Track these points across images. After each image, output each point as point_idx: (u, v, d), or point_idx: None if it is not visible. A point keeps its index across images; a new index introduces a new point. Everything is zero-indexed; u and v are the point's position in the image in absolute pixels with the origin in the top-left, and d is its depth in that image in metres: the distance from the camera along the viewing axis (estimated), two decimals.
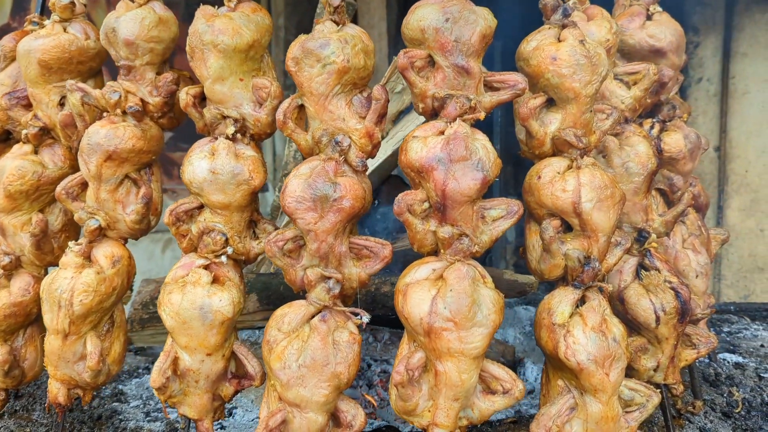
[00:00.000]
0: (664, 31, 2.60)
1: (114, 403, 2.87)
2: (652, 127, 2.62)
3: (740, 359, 3.23)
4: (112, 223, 2.25)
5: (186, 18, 2.11)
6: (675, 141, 2.60)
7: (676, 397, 2.40)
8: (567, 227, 2.08)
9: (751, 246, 6.98)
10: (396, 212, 1.91)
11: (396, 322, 3.13)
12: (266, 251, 1.98)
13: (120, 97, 2.24)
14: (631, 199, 2.36)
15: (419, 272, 1.90)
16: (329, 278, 1.96)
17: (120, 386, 3.08)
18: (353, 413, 1.90)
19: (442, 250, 1.94)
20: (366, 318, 1.96)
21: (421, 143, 1.94)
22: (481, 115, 2.01)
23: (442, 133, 1.96)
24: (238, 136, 2.14)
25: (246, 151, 2.12)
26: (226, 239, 2.12)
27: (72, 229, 2.52)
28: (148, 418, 2.71)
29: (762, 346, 3.43)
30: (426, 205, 1.94)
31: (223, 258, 2.11)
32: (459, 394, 1.82)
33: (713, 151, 6.94)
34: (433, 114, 2.06)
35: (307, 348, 1.87)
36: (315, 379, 1.85)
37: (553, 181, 2.04)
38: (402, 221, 1.93)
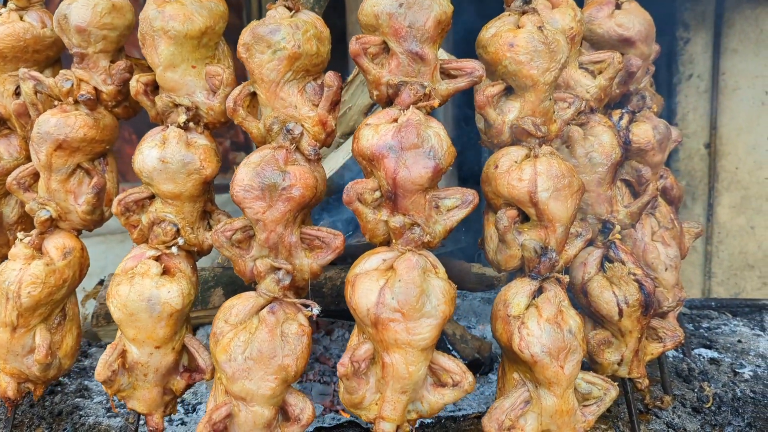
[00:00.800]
0: (632, 20, 2.56)
1: (77, 399, 2.82)
2: (620, 118, 2.57)
3: (716, 354, 3.18)
4: (63, 214, 2.21)
5: None
6: (643, 132, 2.55)
7: (642, 391, 2.36)
8: (525, 217, 2.04)
9: (741, 243, 6.94)
10: (345, 201, 1.87)
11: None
12: (213, 241, 1.93)
13: (72, 85, 2.19)
14: (595, 190, 2.32)
15: (369, 262, 1.85)
16: (279, 269, 1.92)
17: (86, 382, 3.03)
18: (301, 407, 1.85)
19: (393, 240, 1.90)
20: (316, 310, 1.91)
21: (373, 131, 1.90)
22: (435, 103, 1.97)
23: (396, 120, 1.92)
24: (191, 124, 2.10)
25: (198, 140, 2.08)
26: (178, 230, 2.07)
27: (29, 221, 2.47)
28: (108, 414, 2.66)
29: (739, 341, 3.38)
30: (377, 194, 1.90)
31: (174, 249, 2.06)
32: (406, 387, 1.77)
33: (704, 148, 6.90)
34: (388, 102, 2.02)
35: (254, 340, 1.82)
36: (261, 372, 1.81)
37: (510, 170, 2.00)
38: (352, 210, 1.89)
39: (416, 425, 1.86)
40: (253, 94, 2.04)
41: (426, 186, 1.87)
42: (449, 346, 3.16)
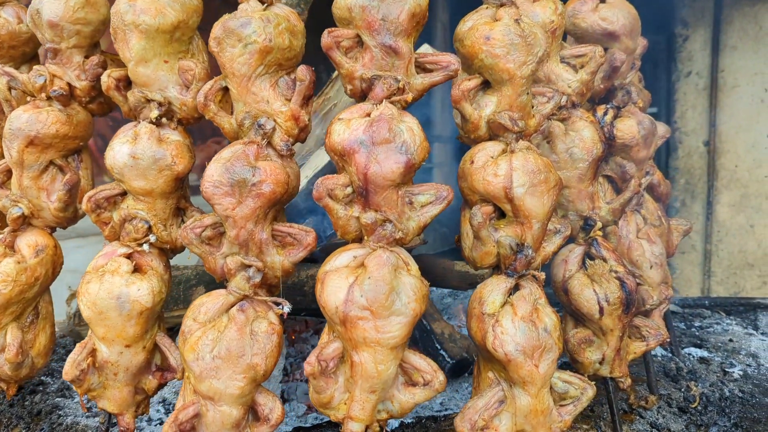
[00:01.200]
0: (617, 14, 2.52)
1: (57, 398, 2.80)
2: (605, 113, 2.54)
3: (705, 354, 3.14)
4: (36, 212, 2.18)
5: None
6: (628, 127, 2.51)
7: (624, 391, 2.32)
8: (501, 214, 2.00)
9: (741, 242, 6.89)
10: (315, 197, 1.83)
11: None
12: (182, 238, 1.90)
13: (45, 81, 2.16)
14: (576, 186, 2.28)
15: (339, 259, 1.82)
16: (250, 267, 1.88)
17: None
18: (270, 407, 1.82)
19: (365, 237, 1.86)
20: (287, 308, 1.88)
21: (344, 125, 1.86)
22: (409, 97, 1.93)
23: (369, 115, 1.89)
24: (164, 120, 2.07)
25: (171, 136, 2.05)
26: (149, 227, 2.04)
27: (2, 219, 2.45)
28: (87, 414, 2.64)
29: (731, 340, 3.34)
30: (349, 189, 1.86)
31: (146, 246, 2.03)
32: (376, 386, 1.74)
33: (702, 146, 6.85)
34: (362, 96, 1.99)
35: (223, 339, 1.79)
36: (230, 371, 1.77)
37: (486, 165, 1.96)
38: (322, 206, 1.85)
39: (387, 425, 1.82)
40: (226, 89, 2.00)
41: (398, 181, 1.83)
42: (437, 345, 3.13)
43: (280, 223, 1.96)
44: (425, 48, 3.08)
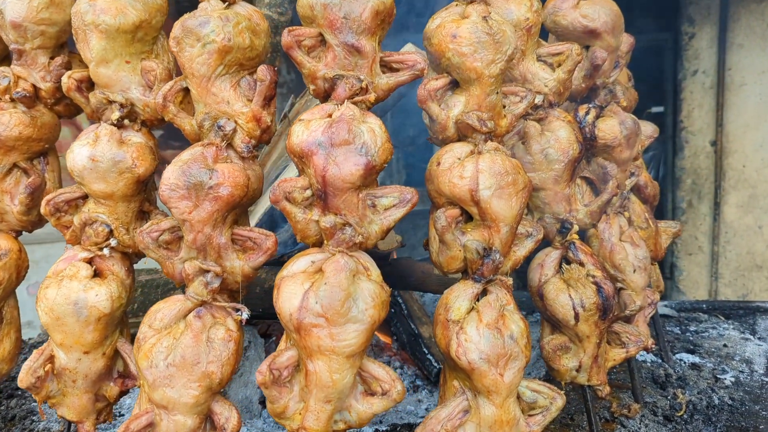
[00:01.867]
0: (598, 10, 2.44)
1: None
2: (587, 113, 2.47)
3: (698, 359, 3.05)
4: (0, 215, 2.15)
5: None
6: (609, 127, 2.44)
7: (603, 399, 2.24)
8: (469, 217, 1.94)
9: (749, 243, 6.77)
10: (272, 200, 1.78)
11: None
12: (138, 242, 1.85)
13: (9, 82, 2.13)
14: (552, 188, 2.22)
15: (297, 264, 1.77)
16: (208, 271, 1.83)
17: None
18: (227, 416, 1.77)
19: (325, 241, 1.81)
20: (245, 314, 1.83)
21: (304, 127, 1.81)
22: (372, 97, 1.88)
23: (331, 116, 1.83)
24: (127, 122, 2.03)
25: (133, 138, 2.01)
26: (110, 231, 2.00)
27: None
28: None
29: (725, 345, 3.25)
30: (308, 192, 1.81)
31: (106, 251, 1.99)
32: (331, 396, 1.68)
33: (709, 146, 6.75)
34: (325, 97, 1.93)
35: (178, 346, 1.74)
36: (184, 380, 1.73)
37: (452, 167, 1.90)
38: (280, 209, 1.80)
39: None
40: (187, 90, 1.96)
41: (358, 184, 1.78)
42: (425, 349, 3.07)
43: (240, 227, 1.91)
44: (408, 47, 3.02)
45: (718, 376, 2.89)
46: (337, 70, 1.89)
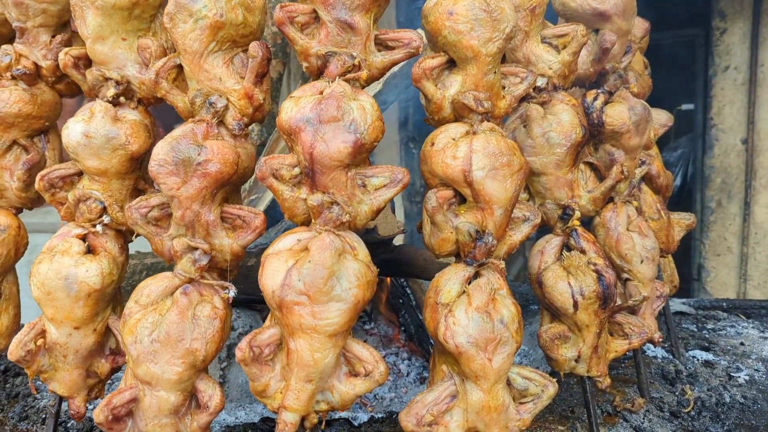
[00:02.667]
0: None
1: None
2: (595, 98, 2.40)
3: (711, 357, 2.95)
4: (0, 192, 2.16)
5: None
6: (618, 113, 2.37)
7: (603, 391, 2.18)
8: (463, 199, 1.90)
9: None
10: (259, 177, 1.76)
11: None
12: (126, 218, 1.85)
13: (11, 60, 2.15)
14: (554, 173, 2.16)
15: (283, 242, 1.74)
16: (196, 249, 1.82)
17: None
18: (210, 394, 1.75)
19: (312, 220, 1.78)
20: (233, 292, 1.81)
21: (293, 103, 1.78)
22: (364, 74, 1.84)
23: (322, 93, 1.80)
24: (123, 99, 2.03)
25: (128, 115, 2.00)
26: (104, 208, 2.00)
27: None
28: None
29: (742, 344, 3.14)
30: (296, 170, 1.78)
31: (99, 227, 1.99)
32: (312, 375, 1.65)
33: (740, 144, 6.58)
34: (318, 74, 1.90)
35: (163, 322, 1.73)
36: (168, 356, 1.71)
37: (446, 148, 1.86)
38: (266, 187, 1.78)
39: (328, 416, 1.73)
40: (181, 67, 1.94)
41: (346, 162, 1.74)
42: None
43: (230, 205, 1.89)
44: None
45: (732, 374, 2.79)
46: (330, 47, 1.86)
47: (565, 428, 2.19)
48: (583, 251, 2.13)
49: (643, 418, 2.31)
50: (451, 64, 1.97)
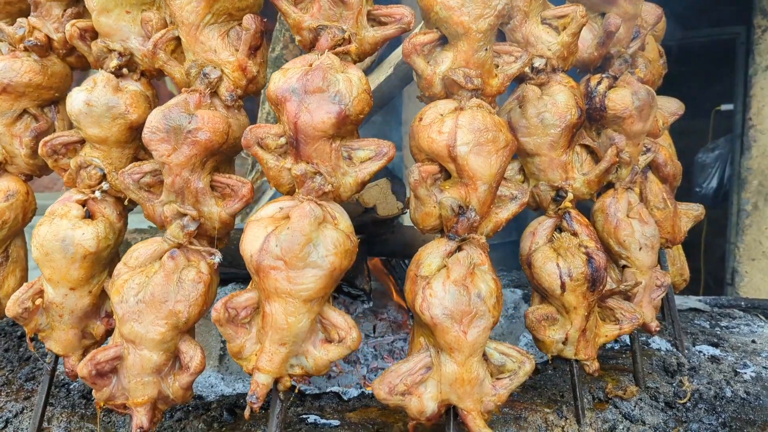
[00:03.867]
0: None
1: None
2: (599, 83, 2.38)
3: (718, 353, 2.89)
4: (10, 158, 2.26)
5: None
6: (621, 97, 2.33)
7: (592, 376, 2.16)
8: (449, 175, 1.91)
9: None
10: (244, 144, 1.80)
11: None
12: (119, 183, 1.91)
13: (25, 32, 2.23)
14: (548, 154, 2.15)
15: (266, 210, 1.78)
16: (185, 215, 1.87)
17: None
18: (191, 354, 1.80)
19: (296, 189, 1.81)
20: (218, 258, 1.86)
21: (281, 74, 1.82)
22: (353, 47, 1.87)
23: (312, 66, 1.83)
24: (126, 71, 2.09)
25: (129, 86, 2.07)
26: (104, 175, 2.07)
27: None
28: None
29: (753, 341, 3.07)
30: (282, 140, 1.82)
31: (97, 194, 2.06)
32: (285, 339, 1.68)
33: None
34: (311, 47, 1.94)
35: (149, 284, 1.79)
36: (152, 316, 1.77)
37: (433, 123, 1.87)
38: (252, 154, 1.81)
39: (305, 381, 1.76)
40: (179, 39, 2.00)
41: (330, 133, 1.77)
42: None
43: (220, 174, 1.94)
44: None
45: (738, 370, 2.73)
46: (322, 20, 1.89)
47: (551, 411, 2.17)
48: (575, 233, 2.12)
49: (634, 406, 2.28)
50: (444, 41, 1.98)
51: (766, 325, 3.40)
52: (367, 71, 3.24)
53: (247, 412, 1.69)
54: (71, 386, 2.47)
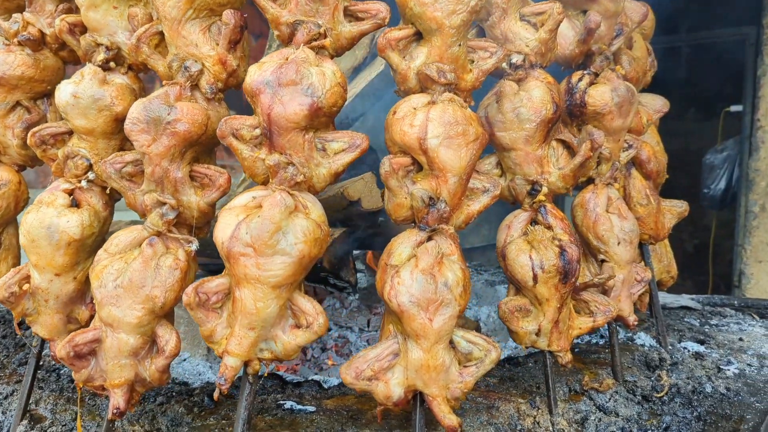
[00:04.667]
0: None
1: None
2: (580, 79, 2.41)
3: (703, 349, 2.91)
4: (3, 149, 2.34)
5: None
6: (600, 94, 2.37)
7: (566, 368, 2.19)
8: (421, 167, 1.95)
9: None
10: (218, 135, 1.86)
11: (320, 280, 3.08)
12: (101, 172, 1.97)
13: (19, 27, 2.31)
14: (523, 149, 2.18)
15: (239, 199, 1.83)
16: (165, 204, 1.93)
17: None
18: (167, 338, 1.86)
19: (270, 179, 1.86)
20: (195, 246, 1.92)
21: (257, 68, 1.87)
22: (327, 42, 1.92)
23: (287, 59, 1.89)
24: (114, 65, 2.16)
25: (116, 79, 2.13)
26: (90, 165, 2.13)
27: None
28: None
29: (740, 339, 3.08)
30: (257, 131, 1.87)
31: (84, 183, 2.12)
32: (254, 323, 1.74)
33: None
34: (289, 41, 1.99)
35: (128, 269, 1.85)
36: (129, 301, 1.83)
37: (405, 116, 1.92)
38: (227, 145, 1.87)
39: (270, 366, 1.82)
40: (163, 34, 2.06)
41: (303, 124, 1.82)
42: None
43: (199, 164, 2.00)
44: None
45: (722, 366, 2.74)
46: (299, 15, 1.94)
47: (525, 401, 2.21)
48: (549, 227, 2.15)
49: (609, 398, 2.30)
50: (419, 37, 2.02)
51: (757, 323, 3.40)
52: (361, 67, 3.29)
53: (216, 394, 1.75)
54: (61, 371, 2.54)
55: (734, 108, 8.09)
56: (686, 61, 7.91)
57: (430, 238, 1.89)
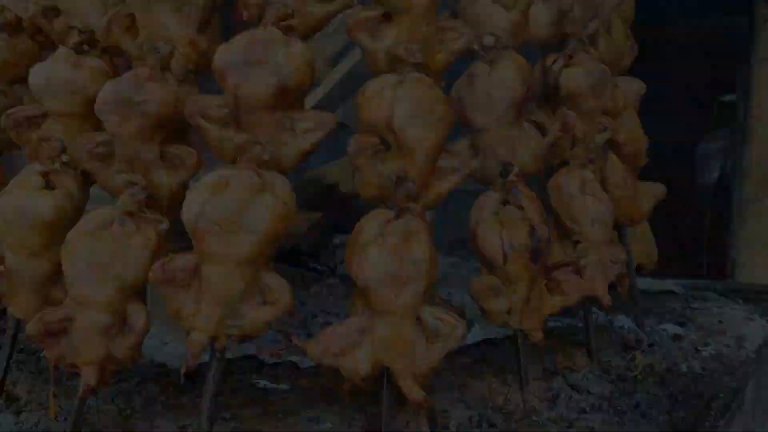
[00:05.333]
0: None
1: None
2: (554, 62, 2.43)
3: (682, 331, 2.92)
4: None
5: None
6: (574, 75, 2.38)
7: (538, 347, 2.21)
8: (389, 146, 1.97)
9: None
10: (187, 115, 1.88)
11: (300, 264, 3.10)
12: (73, 154, 1.99)
13: None
14: (495, 130, 2.20)
15: (206, 178, 1.85)
16: (135, 184, 1.95)
17: None
18: (137, 317, 1.88)
19: (238, 159, 1.88)
20: (164, 225, 1.93)
21: (225, 48, 1.89)
22: (294, 22, 1.93)
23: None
24: (87, 48, 2.17)
25: (89, 61, 2.15)
26: (64, 147, 2.15)
27: None
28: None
29: (720, 322, 3.09)
30: (225, 111, 1.89)
31: (57, 165, 2.14)
32: (221, 300, 1.75)
33: None
34: (258, 23, 2.00)
35: (98, 248, 1.87)
36: (100, 279, 1.85)
37: (373, 96, 1.94)
38: (193, 125, 1.89)
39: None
40: (134, 16, 2.08)
41: (271, 104, 1.84)
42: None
43: (170, 144, 2.02)
44: None
45: (699, 347, 2.76)
46: None
47: (497, 379, 2.23)
48: (521, 207, 2.16)
49: (582, 377, 2.33)
50: (388, 18, 2.04)
51: (738, 308, 3.41)
52: (347, 48, 3.31)
53: (182, 370, 1.77)
54: (41, 354, 2.56)
55: (727, 97, 8.08)
56: (677, 50, 7.90)
57: (398, 217, 1.91)
